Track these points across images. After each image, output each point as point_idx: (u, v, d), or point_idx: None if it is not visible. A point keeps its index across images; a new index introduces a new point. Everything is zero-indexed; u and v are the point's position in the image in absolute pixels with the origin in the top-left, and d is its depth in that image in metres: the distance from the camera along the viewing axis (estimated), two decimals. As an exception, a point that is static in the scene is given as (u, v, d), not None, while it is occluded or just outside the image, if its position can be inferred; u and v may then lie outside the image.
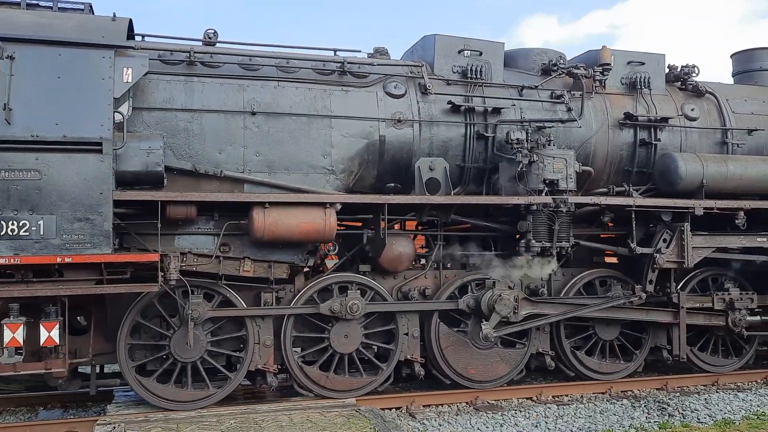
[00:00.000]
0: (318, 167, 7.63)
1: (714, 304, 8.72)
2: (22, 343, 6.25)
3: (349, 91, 7.90)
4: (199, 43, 7.70)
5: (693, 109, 9.25)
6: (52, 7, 7.14)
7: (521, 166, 7.85)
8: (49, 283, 6.32)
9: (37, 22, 6.60)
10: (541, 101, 8.62)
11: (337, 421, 6.66)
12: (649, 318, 8.58)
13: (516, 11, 50.91)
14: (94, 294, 6.60)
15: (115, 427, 6.52)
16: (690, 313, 8.68)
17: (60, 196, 6.25)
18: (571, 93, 8.68)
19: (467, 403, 8.00)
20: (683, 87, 9.46)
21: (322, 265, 8.36)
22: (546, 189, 7.93)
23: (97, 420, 6.80)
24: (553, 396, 8.30)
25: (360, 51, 8.30)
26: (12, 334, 6.18)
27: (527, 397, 8.21)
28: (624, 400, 8.17)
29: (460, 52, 8.49)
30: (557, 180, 7.94)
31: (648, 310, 8.58)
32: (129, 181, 6.74)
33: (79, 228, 6.27)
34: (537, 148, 7.96)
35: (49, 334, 6.31)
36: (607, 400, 8.18)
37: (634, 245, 8.35)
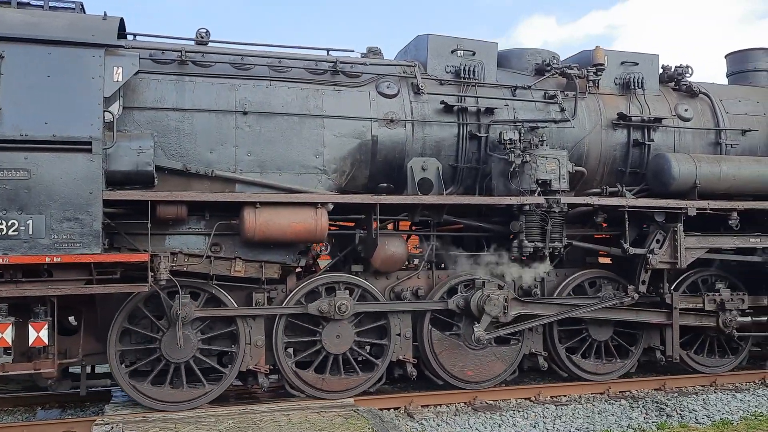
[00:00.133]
0: (310, 167, 7.61)
1: (705, 305, 8.70)
2: (11, 343, 6.23)
3: (342, 91, 7.88)
4: (191, 42, 7.68)
5: (686, 110, 9.25)
6: (42, 6, 7.09)
7: (514, 166, 7.83)
8: (38, 283, 6.29)
9: (27, 20, 6.56)
10: (535, 101, 8.61)
11: (335, 421, 6.65)
12: (639, 318, 8.56)
13: (515, 11, 51.04)
14: (84, 294, 6.56)
15: (112, 427, 6.50)
16: (682, 314, 8.66)
17: (49, 196, 6.22)
18: (564, 93, 8.67)
19: (465, 403, 7.98)
20: (677, 87, 9.46)
21: (315, 265, 8.33)
22: (539, 189, 7.91)
23: (95, 420, 6.78)
24: (551, 396, 8.29)
25: (353, 51, 8.31)
26: (1, 334, 6.14)
27: (525, 398, 8.20)
28: (622, 400, 8.16)
29: (453, 52, 8.48)
30: (550, 180, 7.93)
31: (639, 310, 8.56)
32: (119, 180, 6.71)
33: (68, 228, 6.25)
34: (530, 148, 7.94)
35: (38, 334, 6.27)
36: (605, 401, 8.17)
37: (627, 246, 8.33)
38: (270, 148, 7.47)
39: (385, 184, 8.10)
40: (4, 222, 6.09)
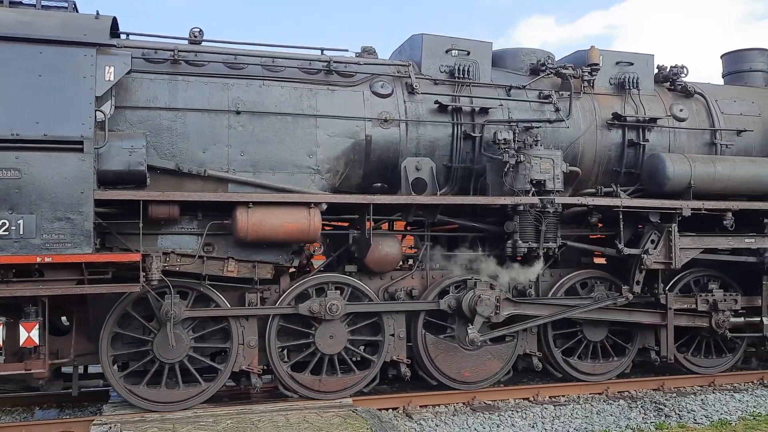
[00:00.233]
0: (303, 167, 7.59)
1: (697, 306, 8.68)
2: (2, 343, 6.21)
3: (335, 91, 7.85)
4: (184, 41, 7.65)
5: (682, 110, 9.23)
6: (35, 5, 7.08)
7: (508, 166, 7.81)
8: (29, 283, 6.27)
9: (18, 19, 6.54)
10: (529, 101, 8.58)
11: (333, 421, 6.64)
12: (633, 319, 8.54)
13: (514, 12, 51.07)
14: (76, 294, 6.53)
15: (111, 428, 6.49)
16: (676, 314, 8.62)
17: (40, 196, 6.20)
18: (559, 93, 8.64)
19: (464, 403, 7.97)
20: (672, 87, 9.43)
21: (309, 265, 8.31)
22: (533, 189, 7.89)
23: (93, 420, 6.77)
24: (550, 396, 8.28)
25: (347, 50, 8.27)
26: (-9, 334, 6.13)
27: (524, 398, 8.19)
28: (621, 400, 8.15)
29: (447, 51, 8.45)
30: (544, 180, 7.90)
31: (633, 311, 8.53)
32: (111, 180, 6.68)
33: (59, 227, 6.22)
34: (524, 148, 7.92)
35: (28, 334, 6.25)
36: (604, 401, 8.16)
37: (621, 246, 8.30)
38: (263, 148, 7.44)
39: (379, 184, 8.07)
40: (-5, 222, 6.06)
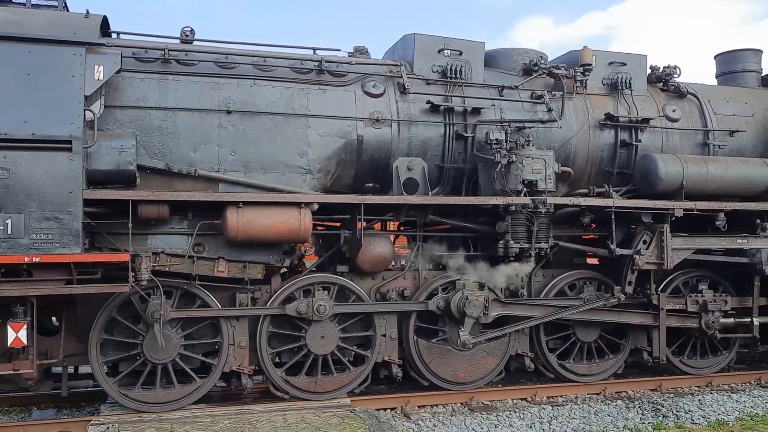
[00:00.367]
0: (294, 167, 7.56)
1: (687, 306, 8.66)
2: (-10, 343, 6.18)
3: (327, 90, 7.82)
4: (176, 41, 7.62)
5: (674, 110, 9.22)
6: (25, 4, 7.05)
7: (500, 166, 7.79)
8: (17, 283, 6.22)
9: (7, 18, 6.50)
10: (522, 101, 8.56)
11: (331, 421, 6.64)
12: (624, 320, 8.53)
13: (512, 12, 51.17)
14: (65, 294, 6.50)
15: (108, 428, 6.48)
16: (666, 315, 8.58)
17: (28, 195, 6.17)
18: (551, 93, 8.62)
19: (462, 403, 7.97)
20: (665, 88, 9.42)
21: (301, 265, 8.28)
22: (525, 190, 7.87)
23: (91, 420, 6.76)
24: (547, 397, 8.28)
25: (339, 50, 8.26)
26: (-21, 334, 6.10)
27: (522, 398, 8.19)
28: (618, 401, 8.16)
29: (440, 51, 8.42)
30: (536, 180, 7.89)
31: (624, 312, 8.52)
32: (100, 180, 6.65)
33: (47, 227, 6.19)
34: (516, 148, 7.90)
35: (16, 334, 6.21)
36: (602, 401, 8.16)
37: (613, 246, 8.30)
38: (254, 148, 7.42)
39: (371, 184, 8.05)
40: (-18, 221, 6.03)
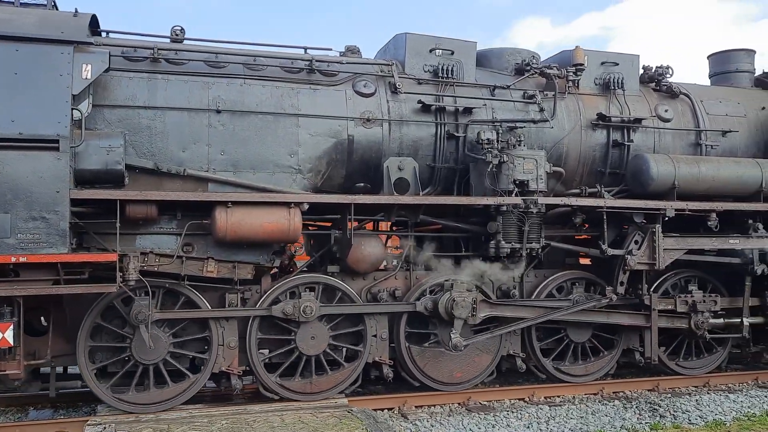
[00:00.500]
0: (284, 166, 7.53)
1: (676, 307, 8.63)
2: (-24, 344, 6.14)
3: (318, 90, 7.79)
4: (166, 40, 7.59)
5: (667, 110, 9.20)
6: (13, 3, 7.01)
7: (491, 166, 7.76)
8: (3, 283, 6.18)
9: (-5, 17, 6.47)
10: (513, 101, 8.54)
11: (329, 422, 6.63)
12: (615, 321, 8.50)
13: (510, 13, 51.26)
14: (53, 294, 6.46)
15: (105, 428, 6.46)
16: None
17: (15, 195, 6.13)
18: (543, 93, 8.60)
19: (460, 404, 7.95)
20: (657, 88, 9.40)
21: (291, 265, 8.24)
22: (516, 190, 7.85)
23: (88, 420, 6.74)
24: (545, 397, 8.27)
25: (331, 49, 8.24)
26: (-34, 335, 6.07)
27: (519, 398, 8.17)
28: (616, 401, 8.15)
29: (431, 51, 8.39)
30: (527, 181, 7.86)
31: (615, 312, 8.49)
32: (88, 179, 6.62)
33: (34, 227, 6.15)
34: (507, 148, 7.88)
35: (3, 335, 6.17)
36: (599, 401, 8.15)
37: (605, 247, 8.27)
38: (244, 147, 7.38)
39: (361, 184, 8.01)
40: (-32, 221, 5.99)
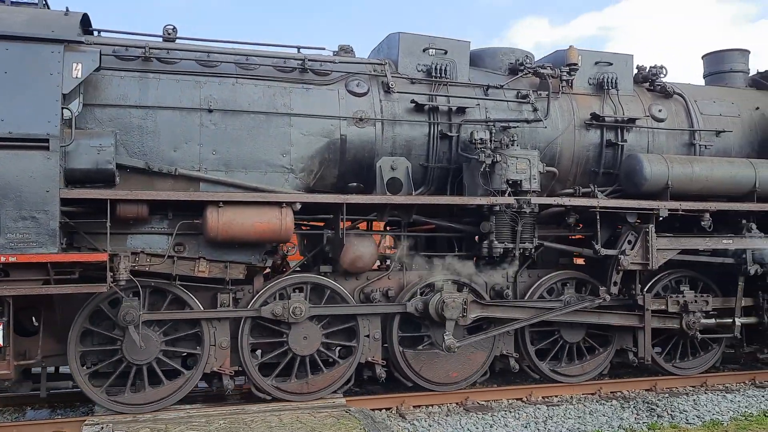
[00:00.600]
0: (277, 166, 7.50)
1: (668, 307, 8.62)
2: (-35, 344, 6.11)
3: (310, 89, 7.76)
4: (158, 39, 7.56)
5: (660, 110, 9.18)
6: (4, 1, 6.99)
7: (484, 166, 7.74)
8: (-7, 283, 6.17)
9: (-16, 15, 6.44)
10: (507, 101, 8.52)
11: (327, 421, 6.62)
12: (606, 321, 8.48)
13: (508, 13, 51.34)
14: (43, 294, 6.43)
15: (103, 428, 6.44)
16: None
17: (4, 194, 6.10)
18: (537, 93, 8.58)
19: (457, 403, 7.94)
20: (651, 88, 9.39)
21: (284, 265, 8.22)
22: (509, 189, 7.83)
23: (85, 420, 6.73)
24: (543, 397, 8.26)
25: (324, 48, 8.21)
26: (-45, 335, 6.04)
27: (517, 398, 8.16)
28: (613, 401, 8.15)
29: (424, 50, 8.37)
30: (520, 180, 7.84)
31: (606, 312, 8.47)
32: (79, 179, 6.59)
33: (24, 227, 6.13)
34: (501, 148, 7.86)
35: (-8, 335, 6.16)
36: (597, 401, 8.14)
37: (598, 247, 8.26)
38: (236, 147, 7.36)
39: (354, 184, 7.99)
40: (-43, 220, 5.96)
